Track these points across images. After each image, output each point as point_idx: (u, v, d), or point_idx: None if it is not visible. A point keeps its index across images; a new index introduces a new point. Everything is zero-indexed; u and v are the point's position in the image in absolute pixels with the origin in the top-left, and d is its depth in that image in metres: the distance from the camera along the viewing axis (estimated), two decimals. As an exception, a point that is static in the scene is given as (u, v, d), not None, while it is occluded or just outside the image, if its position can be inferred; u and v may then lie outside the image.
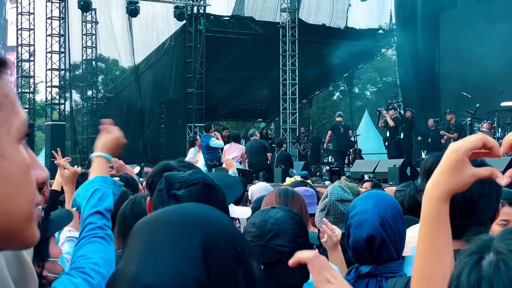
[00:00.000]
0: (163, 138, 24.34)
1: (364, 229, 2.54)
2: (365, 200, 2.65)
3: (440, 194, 1.40)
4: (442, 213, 1.40)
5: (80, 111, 29.98)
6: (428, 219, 1.42)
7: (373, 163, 15.26)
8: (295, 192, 3.63)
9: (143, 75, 27.12)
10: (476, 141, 1.36)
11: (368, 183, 7.46)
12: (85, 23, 28.54)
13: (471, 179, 1.37)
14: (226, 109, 35.66)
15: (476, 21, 20.60)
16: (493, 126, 16.11)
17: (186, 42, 25.32)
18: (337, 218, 3.79)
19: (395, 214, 2.56)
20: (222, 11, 27.16)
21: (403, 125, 19.45)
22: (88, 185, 2.48)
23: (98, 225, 2.37)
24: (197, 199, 1.80)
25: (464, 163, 1.37)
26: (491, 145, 1.35)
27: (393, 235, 2.53)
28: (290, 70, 26.24)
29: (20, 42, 24.92)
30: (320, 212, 3.92)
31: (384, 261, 2.54)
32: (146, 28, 26.73)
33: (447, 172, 1.38)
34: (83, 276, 2.24)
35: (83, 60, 29.40)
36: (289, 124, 26.30)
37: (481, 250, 1.04)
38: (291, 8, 26.45)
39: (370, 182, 7.54)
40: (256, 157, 15.77)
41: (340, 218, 3.78)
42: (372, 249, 2.54)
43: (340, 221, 3.77)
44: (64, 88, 25.53)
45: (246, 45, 28.68)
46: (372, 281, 2.56)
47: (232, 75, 31.02)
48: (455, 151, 1.37)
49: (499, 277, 0.98)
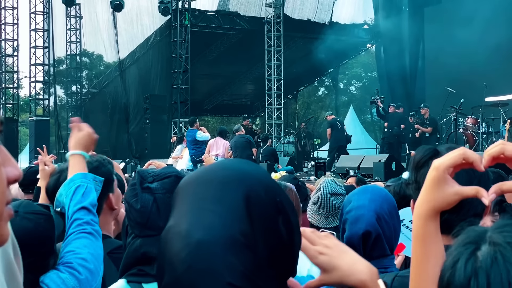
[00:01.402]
0: (148, 134, 24.28)
1: (360, 225, 2.53)
2: (361, 195, 2.64)
3: (425, 212, 1.41)
4: (428, 231, 1.41)
5: (65, 107, 29.88)
6: (417, 237, 1.44)
7: (358, 158, 15.31)
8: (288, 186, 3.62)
9: (128, 70, 27.02)
10: (455, 157, 1.36)
11: (352, 178, 7.48)
12: (69, 17, 28.41)
13: (454, 198, 1.37)
14: (211, 105, 35.63)
15: (461, 16, 20.70)
16: (477, 121, 16.23)
17: (171, 37, 25.22)
18: (329, 211, 3.79)
19: (390, 209, 2.56)
20: (207, 6, 27.11)
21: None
22: (70, 183, 2.49)
23: (85, 221, 2.38)
24: (170, 191, 1.80)
25: (445, 181, 1.37)
26: (471, 160, 1.35)
27: (389, 231, 2.52)
28: (275, 65, 26.24)
29: (4, 37, 24.78)
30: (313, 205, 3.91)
31: (376, 257, 2.54)
32: (131, 23, 26.63)
33: (429, 191, 1.39)
34: (70, 271, 2.24)
35: (67, 55, 29.28)
36: (274, 119, 26.31)
37: (477, 241, 1.05)
38: (276, 3, 26.43)
39: (355, 178, 7.56)
40: (241, 153, 15.75)
41: (332, 211, 3.78)
42: (366, 245, 2.54)
43: (332, 214, 3.78)
44: (48, 83, 25.40)
45: (231, 41, 28.64)
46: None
47: (217, 70, 30.99)
48: (436, 169, 1.38)
49: (496, 268, 0.99)
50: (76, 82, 29.70)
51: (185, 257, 1.15)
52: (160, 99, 24.82)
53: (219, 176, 1.23)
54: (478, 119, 16.25)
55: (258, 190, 1.20)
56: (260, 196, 1.20)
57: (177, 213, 1.23)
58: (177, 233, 1.18)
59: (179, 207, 1.24)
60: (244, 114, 38.15)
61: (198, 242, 1.15)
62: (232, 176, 1.23)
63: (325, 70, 34.59)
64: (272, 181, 1.28)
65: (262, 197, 1.20)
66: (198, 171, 1.31)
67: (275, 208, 1.21)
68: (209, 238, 1.15)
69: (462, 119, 16.60)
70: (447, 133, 17.26)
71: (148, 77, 26.07)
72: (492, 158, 1.36)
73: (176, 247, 1.17)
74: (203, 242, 1.14)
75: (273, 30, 26.23)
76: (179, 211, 1.23)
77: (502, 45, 19.72)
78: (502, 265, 0.98)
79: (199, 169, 1.37)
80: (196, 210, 1.19)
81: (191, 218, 1.18)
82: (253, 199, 1.18)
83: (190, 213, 1.20)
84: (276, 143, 25.30)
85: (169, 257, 1.18)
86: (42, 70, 24.76)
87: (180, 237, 1.17)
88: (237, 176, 1.23)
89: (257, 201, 1.19)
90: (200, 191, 1.22)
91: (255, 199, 1.19)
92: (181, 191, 1.27)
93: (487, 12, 19.71)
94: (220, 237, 1.14)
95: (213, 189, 1.20)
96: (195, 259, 1.14)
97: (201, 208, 1.19)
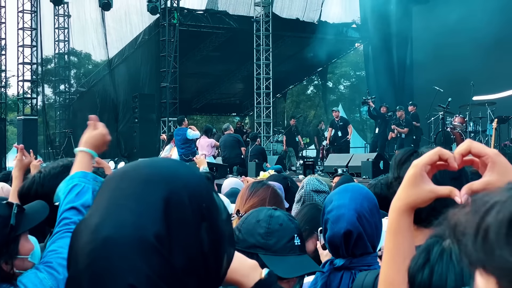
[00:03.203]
0: (136, 133, 24.23)
1: (342, 224, 2.55)
2: (341, 195, 2.66)
3: (400, 207, 1.44)
4: (402, 225, 1.44)
5: (53, 106, 29.77)
6: (390, 230, 1.47)
7: (346, 156, 15.33)
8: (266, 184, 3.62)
9: (117, 69, 26.95)
10: (431, 155, 1.40)
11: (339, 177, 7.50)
12: (57, 16, 28.32)
13: (429, 195, 1.41)
14: (200, 104, 35.61)
15: (449, 15, 20.78)
16: (464, 120, 16.32)
17: (160, 36, 25.17)
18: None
19: (371, 207, 2.58)
20: (196, 5, 27.08)
21: (378, 120, 19.80)
22: (69, 180, 2.46)
23: (72, 221, 2.35)
24: None
25: (422, 178, 1.41)
26: (446, 157, 1.39)
27: (370, 229, 2.55)
28: (264, 64, 26.26)
29: (-9, 35, 24.61)
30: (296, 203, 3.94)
31: (359, 255, 2.57)
32: (120, 22, 26.55)
33: (406, 187, 1.43)
34: (49, 270, 2.23)
35: (55, 54, 29.17)
36: (263, 118, 26.33)
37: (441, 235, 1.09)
38: (264, 2, 26.44)
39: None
40: (230, 151, 15.80)
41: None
42: (348, 244, 2.56)
43: None
44: (36, 82, 25.29)
45: (220, 39, 28.64)
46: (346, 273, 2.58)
47: (206, 69, 30.97)
48: (414, 167, 1.42)
49: (440, 264, 1.03)
50: (65, 81, 29.60)
51: (89, 252, 1.10)
52: (149, 98, 24.78)
53: (143, 173, 1.18)
54: (466, 118, 16.34)
55: (181, 193, 1.15)
56: (182, 199, 1.14)
57: (94, 206, 1.18)
58: (88, 226, 1.13)
59: (98, 200, 1.19)
60: (233, 113, 38.17)
61: (105, 238, 1.09)
62: (156, 176, 1.17)
63: (314, 69, 34.67)
64: (201, 185, 1.21)
65: (184, 201, 1.14)
66: (127, 166, 1.26)
67: (198, 214, 1.15)
68: (117, 236, 1.09)
69: (449, 118, 16.68)
70: (435, 132, 17.35)
71: (137, 76, 26.01)
72: (462, 156, 1.39)
73: (83, 241, 1.12)
74: (110, 239, 1.09)
75: (262, 29, 26.25)
76: (96, 204, 1.18)
77: (489, 44, 19.84)
78: (445, 262, 1.03)
79: (128, 164, 1.31)
80: (112, 205, 1.14)
81: (105, 213, 1.13)
82: (173, 201, 1.13)
83: (106, 208, 1.14)
84: (265, 142, 25.33)
85: (75, 250, 1.14)
86: (30, 69, 24.65)
87: (88, 231, 1.12)
88: (162, 176, 1.17)
89: (177, 204, 1.13)
90: (121, 187, 1.17)
91: (176, 202, 1.13)
92: (104, 185, 1.21)
93: (475, 12, 19.80)
94: (130, 236, 1.09)
95: (134, 187, 1.15)
96: (98, 255, 1.09)
97: (117, 204, 1.14)
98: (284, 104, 37.44)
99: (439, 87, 17.76)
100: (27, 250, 2.33)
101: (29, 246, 2.35)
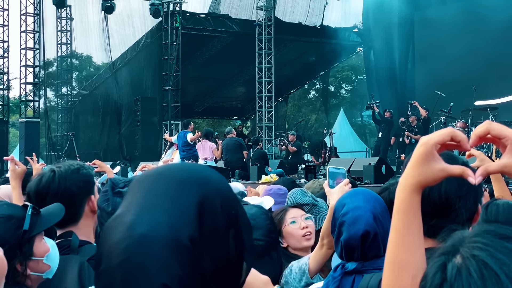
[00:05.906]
0: (138, 136, 24.25)
1: (359, 225, 2.54)
2: (354, 198, 2.65)
3: (410, 186, 1.41)
4: (412, 204, 1.42)
5: (55, 108, 29.76)
6: (400, 209, 1.44)
7: (348, 161, 15.32)
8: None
9: (119, 72, 26.96)
10: (444, 135, 1.37)
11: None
12: (60, 19, 28.32)
13: (440, 174, 1.38)
14: (201, 107, 35.60)
15: (450, 21, 20.80)
16: (466, 125, 16.30)
17: (162, 39, 25.21)
18: None
19: (382, 210, 2.58)
20: (198, 8, 27.12)
21: (382, 125, 19.74)
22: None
23: None
24: None
25: (433, 157, 1.38)
26: (459, 139, 1.37)
27: (383, 231, 2.54)
28: (266, 68, 26.28)
29: (-6, 38, 24.64)
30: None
31: (371, 258, 2.56)
32: (122, 25, 26.58)
33: (416, 165, 1.40)
34: None
35: (57, 57, 29.16)
36: (265, 122, 26.33)
37: (450, 252, 1.08)
38: (267, 6, 26.48)
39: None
40: (232, 155, 15.80)
41: None
42: (364, 245, 2.56)
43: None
44: (38, 85, 25.29)
45: (222, 43, 28.65)
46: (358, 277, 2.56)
47: (208, 73, 30.97)
48: (424, 145, 1.38)
49: (460, 281, 1.02)
50: (67, 84, 29.60)
51: (124, 248, 1.11)
52: (151, 101, 24.82)
53: (179, 176, 1.20)
54: (468, 122, 16.32)
55: (214, 198, 1.17)
56: (214, 204, 1.16)
57: (128, 203, 1.19)
58: (122, 223, 1.14)
59: (131, 197, 1.20)
60: (235, 116, 38.15)
61: (141, 236, 1.11)
62: (191, 179, 1.19)
63: (315, 73, 34.68)
64: (231, 192, 1.24)
65: (217, 206, 1.17)
66: (161, 167, 1.27)
67: (228, 220, 1.17)
68: (153, 235, 1.10)
69: (451, 123, 16.66)
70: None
71: (139, 79, 26.04)
72: (479, 138, 1.37)
73: (117, 237, 1.13)
74: (145, 237, 1.10)
75: (264, 33, 26.27)
76: (130, 201, 1.19)
77: (491, 50, 19.85)
78: (465, 279, 1.02)
79: (162, 165, 1.33)
80: (147, 204, 1.16)
81: (140, 211, 1.14)
82: (207, 206, 1.15)
83: (140, 206, 1.16)
84: (267, 145, 25.32)
85: (108, 245, 1.14)
86: (33, 71, 24.65)
87: (123, 228, 1.13)
88: (195, 179, 1.20)
89: (210, 209, 1.15)
90: (156, 187, 1.18)
91: (209, 207, 1.15)
92: (137, 183, 1.23)
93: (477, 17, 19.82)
94: (165, 236, 1.10)
95: (169, 187, 1.17)
96: (133, 252, 1.10)
97: (152, 204, 1.15)
98: (285, 108, 37.41)
99: (441, 92, 17.76)
100: (42, 252, 2.33)
101: (44, 247, 2.34)
